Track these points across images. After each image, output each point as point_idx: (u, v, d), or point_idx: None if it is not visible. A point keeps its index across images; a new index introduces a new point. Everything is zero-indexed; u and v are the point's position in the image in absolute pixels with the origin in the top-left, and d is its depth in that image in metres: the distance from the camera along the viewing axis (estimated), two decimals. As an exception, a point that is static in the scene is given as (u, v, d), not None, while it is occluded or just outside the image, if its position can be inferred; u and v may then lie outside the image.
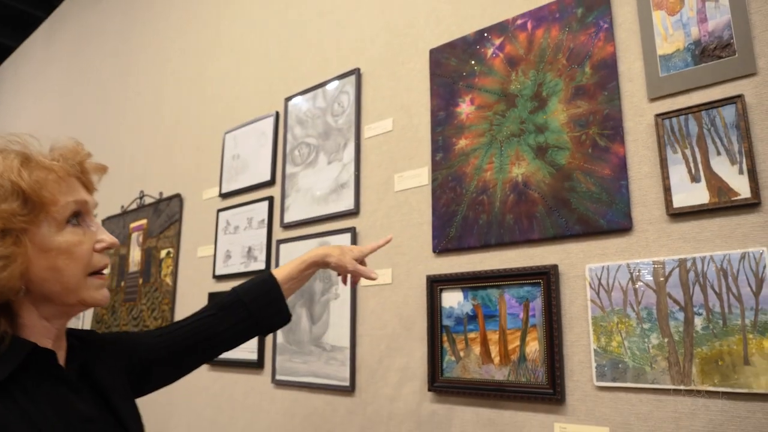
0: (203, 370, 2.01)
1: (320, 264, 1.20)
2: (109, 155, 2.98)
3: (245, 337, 1.10)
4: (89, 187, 0.85)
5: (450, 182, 1.40)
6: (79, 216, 0.81)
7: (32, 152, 0.79)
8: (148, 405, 2.27)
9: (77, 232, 0.79)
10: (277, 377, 1.70)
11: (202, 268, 2.11)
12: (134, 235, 2.52)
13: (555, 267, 1.19)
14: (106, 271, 0.83)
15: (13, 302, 0.76)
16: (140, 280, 2.40)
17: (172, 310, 2.19)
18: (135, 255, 2.48)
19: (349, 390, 1.51)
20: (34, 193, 0.75)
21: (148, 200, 2.51)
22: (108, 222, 2.75)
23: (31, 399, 0.73)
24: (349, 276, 1.24)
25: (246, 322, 1.09)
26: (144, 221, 2.48)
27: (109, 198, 2.82)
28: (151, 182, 2.54)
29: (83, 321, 2.79)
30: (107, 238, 0.82)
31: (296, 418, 1.64)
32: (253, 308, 1.10)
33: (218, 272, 2.00)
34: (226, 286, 1.97)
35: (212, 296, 1.99)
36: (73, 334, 0.87)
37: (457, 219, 1.37)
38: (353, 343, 1.53)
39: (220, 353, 1.09)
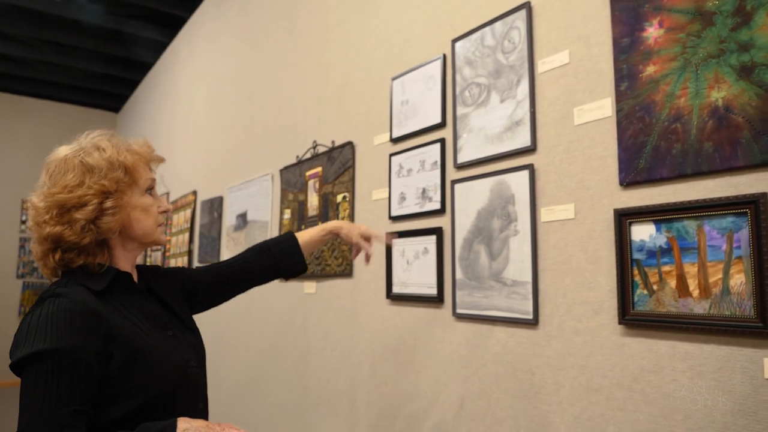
0: (383, 303, 2.16)
1: (334, 232, 1.62)
2: (281, 110, 3.21)
3: (269, 278, 1.54)
4: (152, 171, 1.29)
5: (637, 112, 1.35)
6: (151, 189, 1.25)
7: (129, 143, 1.23)
8: (333, 332, 2.50)
9: (150, 199, 1.23)
10: (458, 311, 1.79)
11: (378, 210, 2.24)
12: (310, 182, 2.72)
13: (764, 195, 1.11)
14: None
15: (110, 240, 1.18)
16: (319, 223, 2.60)
17: (351, 250, 2.36)
18: (312, 200, 2.68)
19: (533, 323, 1.55)
20: (131, 167, 1.19)
21: (321, 149, 2.68)
22: (284, 171, 2.99)
23: (120, 302, 1.14)
24: (354, 249, 1.65)
25: (271, 268, 1.53)
26: (319, 169, 2.66)
27: (285, 149, 3.06)
28: (323, 132, 2.71)
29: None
30: (165, 204, 1.27)
31: (478, 349, 1.73)
32: (279, 257, 1.53)
33: (394, 213, 2.12)
34: (402, 226, 2.08)
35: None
36: (141, 268, 1.32)
37: (647, 150, 1.32)
38: (535, 277, 1.56)
39: (250, 288, 1.53)
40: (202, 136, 4.57)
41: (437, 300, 1.88)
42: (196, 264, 4.31)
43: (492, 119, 1.73)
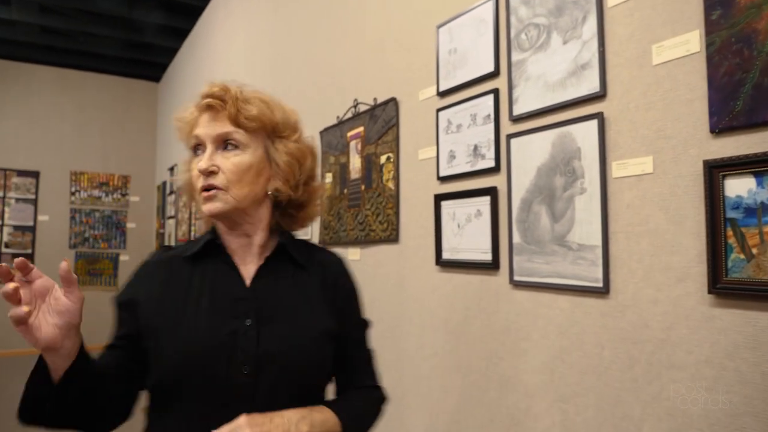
0: (432, 270, 2.02)
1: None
2: (320, 67, 3.05)
3: None
4: (231, 117, 1.01)
5: (734, 44, 1.14)
6: (200, 147, 1.04)
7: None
8: (378, 301, 2.37)
9: (193, 161, 1.06)
10: (515, 278, 1.63)
11: (425, 171, 2.08)
12: (352, 144, 2.57)
13: None
14: (210, 189, 1.02)
15: None
16: (362, 187, 2.46)
17: (396, 214, 2.22)
18: (355, 162, 2.54)
19: (603, 291, 1.38)
20: (181, 127, 1.08)
21: (362, 108, 2.52)
22: (325, 133, 2.85)
23: (206, 268, 1.04)
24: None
25: None
26: (361, 129, 2.51)
27: (325, 110, 2.91)
28: (364, 89, 2.54)
29: (311, 230, 2.99)
30: (196, 165, 1.03)
31: (539, 320, 1.57)
32: None
33: (442, 173, 1.95)
34: (452, 187, 1.92)
35: (437, 198, 1.96)
36: (292, 246, 1.13)
37: (746, 89, 1.12)
38: (605, 241, 1.38)
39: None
40: (241, 101, 4.45)
41: (492, 266, 1.72)
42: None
43: (553, 64, 1.54)
